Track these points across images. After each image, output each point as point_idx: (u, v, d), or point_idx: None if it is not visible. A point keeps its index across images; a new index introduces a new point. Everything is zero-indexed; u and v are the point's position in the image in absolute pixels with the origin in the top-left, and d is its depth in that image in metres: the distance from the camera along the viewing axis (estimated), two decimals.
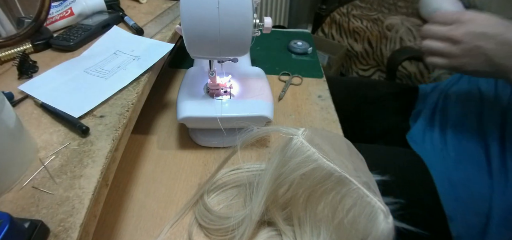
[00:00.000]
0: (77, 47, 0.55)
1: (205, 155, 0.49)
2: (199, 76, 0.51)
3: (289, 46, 0.80)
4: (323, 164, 0.31)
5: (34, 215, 0.29)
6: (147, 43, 0.55)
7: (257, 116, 0.45)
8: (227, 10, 0.36)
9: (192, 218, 0.40)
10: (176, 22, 0.65)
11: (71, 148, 0.36)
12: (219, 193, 0.42)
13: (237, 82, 0.50)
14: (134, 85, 0.45)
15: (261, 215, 0.36)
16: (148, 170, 0.47)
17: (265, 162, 0.44)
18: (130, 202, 0.42)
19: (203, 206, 0.40)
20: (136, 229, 0.39)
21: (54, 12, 0.61)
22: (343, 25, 1.65)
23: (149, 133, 0.53)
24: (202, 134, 0.50)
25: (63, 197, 0.30)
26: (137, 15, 0.68)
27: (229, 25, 0.37)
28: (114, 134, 0.37)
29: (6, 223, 0.23)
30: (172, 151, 0.49)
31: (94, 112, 0.40)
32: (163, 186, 0.44)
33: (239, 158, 0.47)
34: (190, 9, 0.36)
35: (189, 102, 0.45)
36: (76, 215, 0.29)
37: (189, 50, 0.41)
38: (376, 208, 0.30)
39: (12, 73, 0.48)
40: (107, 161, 0.34)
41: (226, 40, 0.38)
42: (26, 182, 0.32)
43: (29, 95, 0.43)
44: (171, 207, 0.41)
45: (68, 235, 0.27)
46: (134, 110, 0.42)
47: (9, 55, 0.52)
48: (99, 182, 0.32)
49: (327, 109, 0.59)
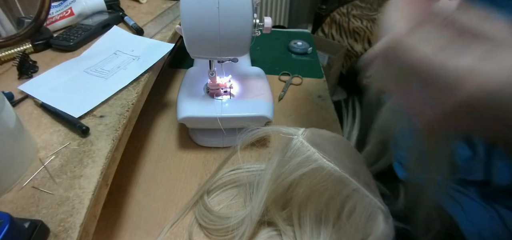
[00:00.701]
0: (77, 47, 0.55)
1: (205, 155, 0.49)
2: (199, 76, 0.51)
3: (289, 46, 0.80)
4: (323, 164, 0.31)
5: (34, 215, 0.29)
6: (147, 43, 0.55)
7: (257, 116, 0.45)
8: (227, 10, 0.36)
9: (192, 218, 0.40)
10: (176, 22, 0.65)
11: (71, 148, 0.36)
12: (219, 193, 0.42)
13: (237, 82, 0.50)
14: (134, 85, 0.45)
15: (261, 215, 0.36)
16: (148, 170, 0.47)
17: (265, 162, 0.44)
18: (130, 202, 0.42)
19: (203, 206, 0.40)
20: (136, 229, 0.39)
21: (54, 12, 0.61)
22: (343, 25, 1.65)
23: (149, 133, 0.53)
24: (202, 134, 0.50)
25: (63, 197, 0.30)
26: (137, 15, 0.68)
27: (229, 25, 0.37)
28: (114, 134, 0.37)
29: (6, 223, 0.23)
30: (172, 151, 0.49)
31: (94, 112, 0.40)
32: (163, 186, 0.44)
33: (239, 158, 0.47)
34: (190, 9, 0.36)
35: (189, 102, 0.45)
36: (76, 215, 0.29)
37: (189, 50, 0.41)
38: (376, 208, 0.30)
39: (12, 73, 0.48)
40: (107, 161, 0.34)
41: (226, 40, 0.38)
42: (26, 182, 0.32)
43: (29, 95, 0.43)
44: (171, 207, 0.41)
45: (68, 235, 0.27)
46: (134, 110, 0.42)
47: (9, 55, 0.52)
48: (99, 182, 0.32)
49: (327, 109, 0.59)
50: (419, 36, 0.20)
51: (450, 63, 0.19)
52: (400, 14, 0.22)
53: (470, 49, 0.20)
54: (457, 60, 0.19)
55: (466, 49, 0.20)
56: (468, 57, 0.19)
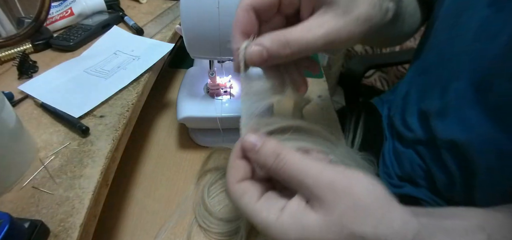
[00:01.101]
0: (77, 47, 0.55)
1: (205, 155, 0.49)
2: (199, 76, 0.51)
3: None
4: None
5: (34, 215, 0.29)
6: (147, 43, 0.55)
7: None
8: (227, 10, 0.36)
9: (192, 218, 0.40)
10: (176, 22, 0.65)
11: (71, 148, 0.36)
12: (219, 193, 0.42)
13: (237, 82, 0.50)
14: (134, 85, 0.45)
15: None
16: (148, 170, 0.47)
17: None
18: (130, 202, 0.42)
19: (204, 207, 0.40)
20: (136, 229, 0.39)
21: (54, 12, 0.61)
22: None
23: (149, 133, 0.53)
24: (202, 134, 0.50)
25: (63, 197, 0.30)
26: (137, 15, 0.68)
27: (229, 25, 0.37)
28: (114, 134, 0.37)
29: (6, 223, 0.23)
30: (172, 151, 0.49)
31: (94, 112, 0.40)
32: (163, 186, 0.44)
33: None
34: (190, 9, 0.36)
35: (189, 102, 0.45)
36: (76, 215, 0.29)
37: (189, 50, 0.41)
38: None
39: (12, 73, 0.48)
40: (107, 161, 0.34)
41: (226, 40, 0.38)
42: (26, 182, 0.32)
43: (29, 95, 0.43)
44: (171, 207, 0.41)
45: (68, 235, 0.27)
46: (134, 110, 0.42)
47: (9, 55, 0.52)
48: (99, 182, 0.32)
49: (327, 109, 0.59)
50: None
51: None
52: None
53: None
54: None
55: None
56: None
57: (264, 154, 0.23)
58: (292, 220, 0.21)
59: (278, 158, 0.22)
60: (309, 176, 0.21)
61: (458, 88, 0.35)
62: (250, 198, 0.23)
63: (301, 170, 0.21)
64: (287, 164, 0.22)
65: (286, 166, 0.22)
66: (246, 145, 0.24)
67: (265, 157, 0.23)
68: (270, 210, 0.22)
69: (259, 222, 0.22)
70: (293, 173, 0.22)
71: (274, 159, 0.22)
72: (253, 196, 0.23)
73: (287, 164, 0.22)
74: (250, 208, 0.22)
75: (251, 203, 0.23)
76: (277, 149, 0.23)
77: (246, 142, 0.24)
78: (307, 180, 0.21)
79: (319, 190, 0.20)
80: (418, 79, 0.45)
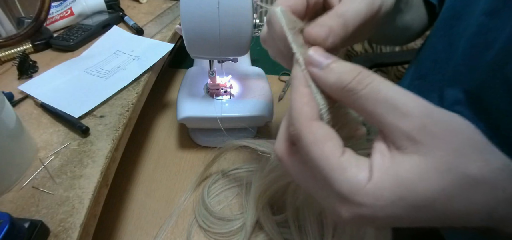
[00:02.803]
0: (77, 47, 0.55)
1: (205, 155, 0.49)
2: (199, 76, 0.51)
3: None
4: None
5: (34, 215, 0.29)
6: (147, 43, 0.55)
7: (257, 116, 0.45)
8: (227, 10, 0.36)
9: (192, 218, 0.40)
10: (176, 22, 0.65)
11: (71, 148, 0.36)
12: (219, 193, 0.42)
13: (237, 82, 0.50)
14: (134, 85, 0.45)
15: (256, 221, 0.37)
16: (148, 170, 0.47)
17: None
18: (130, 202, 0.42)
19: (204, 207, 0.40)
20: (136, 229, 0.39)
21: (54, 12, 0.61)
22: None
23: (149, 133, 0.53)
24: (202, 134, 0.50)
25: (63, 197, 0.30)
26: (137, 15, 0.68)
27: (229, 25, 0.37)
28: (114, 134, 0.37)
29: (6, 223, 0.23)
30: (172, 151, 0.49)
31: (94, 112, 0.40)
32: (163, 186, 0.44)
33: (239, 158, 0.47)
34: (190, 9, 0.36)
35: (189, 102, 0.45)
36: (76, 215, 0.29)
37: (189, 50, 0.41)
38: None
39: (12, 73, 0.48)
40: (107, 161, 0.34)
41: (226, 40, 0.38)
42: (26, 182, 0.32)
43: (29, 95, 0.43)
44: (171, 207, 0.41)
45: (68, 235, 0.27)
46: (134, 110, 0.42)
47: (9, 55, 0.52)
48: (99, 182, 0.32)
49: None
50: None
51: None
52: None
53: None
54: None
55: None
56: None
57: (339, 70, 0.18)
58: (386, 176, 0.16)
59: (359, 76, 0.17)
60: (403, 106, 0.16)
61: (453, 94, 0.35)
62: (334, 147, 0.17)
63: (393, 97, 0.16)
64: (373, 88, 0.16)
65: (371, 91, 0.16)
66: (315, 58, 0.19)
67: (340, 74, 0.17)
68: (361, 166, 0.17)
69: (343, 182, 0.16)
70: (381, 99, 0.16)
71: (353, 77, 0.17)
72: (338, 146, 0.17)
73: (373, 88, 0.16)
74: (333, 163, 0.17)
75: (335, 155, 0.17)
76: (357, 66, 0.17)
77: (313, 56, 0.19)
78: (400, 111, 0.16)
79: (413, 126, 0.16)
80: (416, 83, 0.45)
